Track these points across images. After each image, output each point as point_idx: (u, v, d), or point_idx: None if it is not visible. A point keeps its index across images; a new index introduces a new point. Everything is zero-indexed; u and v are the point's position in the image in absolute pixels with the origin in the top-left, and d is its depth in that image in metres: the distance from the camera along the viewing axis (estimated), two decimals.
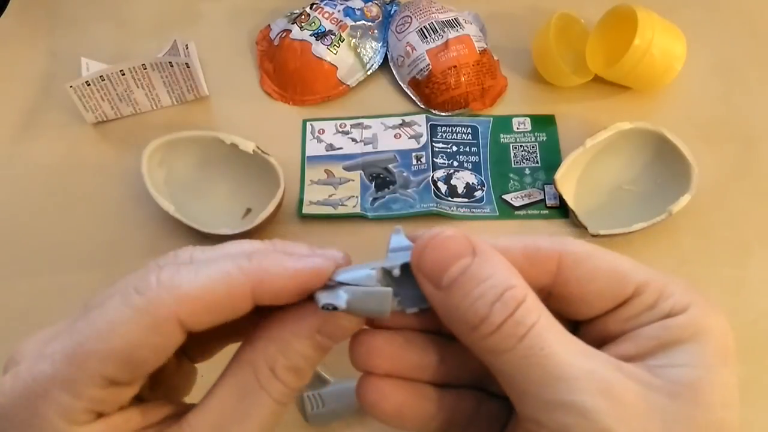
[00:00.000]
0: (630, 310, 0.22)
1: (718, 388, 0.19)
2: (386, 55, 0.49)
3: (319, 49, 0.46)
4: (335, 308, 0.21)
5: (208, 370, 0.25)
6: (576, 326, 0.23)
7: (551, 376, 0.19)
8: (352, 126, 0.46)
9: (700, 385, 0.19)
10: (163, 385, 0.25)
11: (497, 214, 0.42)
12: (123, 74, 0.44)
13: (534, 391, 0.19)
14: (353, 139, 0.45)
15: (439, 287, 0.21)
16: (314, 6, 0.49)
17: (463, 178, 0.44)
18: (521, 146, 0.45)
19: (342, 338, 0.22)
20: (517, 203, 0.43)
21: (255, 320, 0.23)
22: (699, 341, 0.20)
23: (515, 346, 0.19)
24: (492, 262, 0.21)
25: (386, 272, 0.22)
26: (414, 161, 0.44)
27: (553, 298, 0.22)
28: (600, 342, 0.22)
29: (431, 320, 0.23)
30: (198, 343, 0.26)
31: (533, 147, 0.45)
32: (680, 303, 0.21)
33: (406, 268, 0.22)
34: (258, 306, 0.22)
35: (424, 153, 0.44)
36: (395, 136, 0.45)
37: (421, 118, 0.46)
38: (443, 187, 0.43)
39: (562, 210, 0.42)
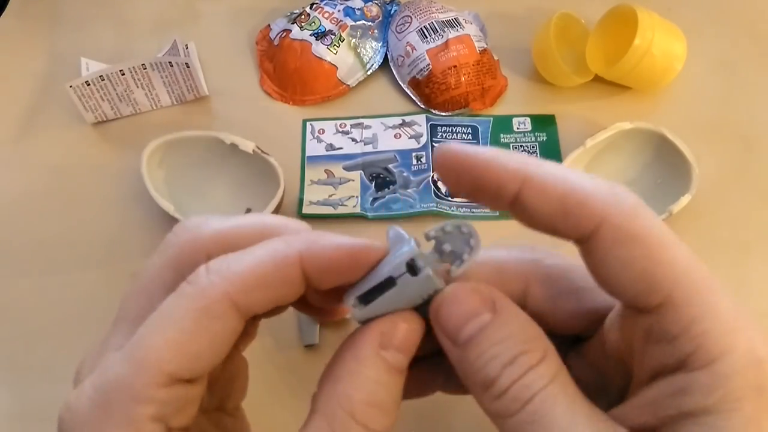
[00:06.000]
0: (650, 326, 0.19)
1: None
2: (386, 55, 0.49)
3: (319, 48, 0.46)
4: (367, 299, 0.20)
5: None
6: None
7: None
8: (352, 126, 0.46)
9: None
10: (218, 385, 0.24)
11: (497, 214, 0.42)
12: (123, 74, 0.44)
13: None
14: (353, 139, 0.45)
15: (455, 343, 0.20)
16: (314, 6, 0.49)
17: None
18: (521, 146, 0.45)
19: (408, 346, 0.21)
20: None
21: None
22: (723, 412, 0.17)
23: (519, 410, 0.19)
24: (511, 322, 0.20)
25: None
26: (414, 161, 0.44)
27: (583, 253, 0.20)
28: (624, 349, 0.20)
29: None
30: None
31: (533, 147, 0.45)
32: (707, 349, 0.17)
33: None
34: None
35: (424, 153, 0.44)
36: (395, 136, 0.45)
37: (421, 118, 0.46)
38: (443, 187, 0.43)
39: None
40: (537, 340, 0.20)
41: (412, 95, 0.47)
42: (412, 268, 0.20)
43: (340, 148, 0.45)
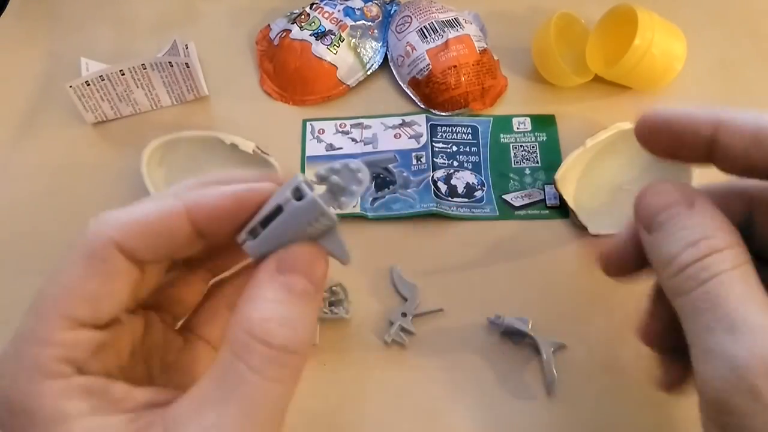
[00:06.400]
0: None
1: None
2: (386, 55, 0.49)
3: (319, 48, 0.46)
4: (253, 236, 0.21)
5: None
6: None
7: (719, 324, 0.19)
8: (352, 126, 0.46)
9: None
10: (173, 370, 0.24)
11: (497, 214, 0.42)
12: (123, 74, 0.44)
13: (700, 336, 0.19)
14: (353, 139, 0.45)
15: (649, 230, 0.22)
16: (314, 6, 0.49)
17: (463, 178, 0.44)
18: (521, 146, 0.45)
19: (308, 269, 0.21)
20: (517, 203, 0.43)
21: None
22: None
23: (695, 289, 0.20)
24: (704, 215, 0.21)
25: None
26: (414, 161, 0.44)
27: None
28: None
29: None
30: (209, 318, 0.26)
31: (533, 147, 0.45)
32: None
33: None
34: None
35: (424, 153, 0.44)
36: (395, 136, 0.45)
37: (421, 118, 0.46)
38: (443, 187, 0.43)
39: (562, 210, 0.42)
40: (726, 233, 0.21)
41: (412, 95, 0.47)
42: (299, 196, 0.21)
43: (340, 148, 0.45)
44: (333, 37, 0.47)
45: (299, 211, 0.21)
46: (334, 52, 0.47)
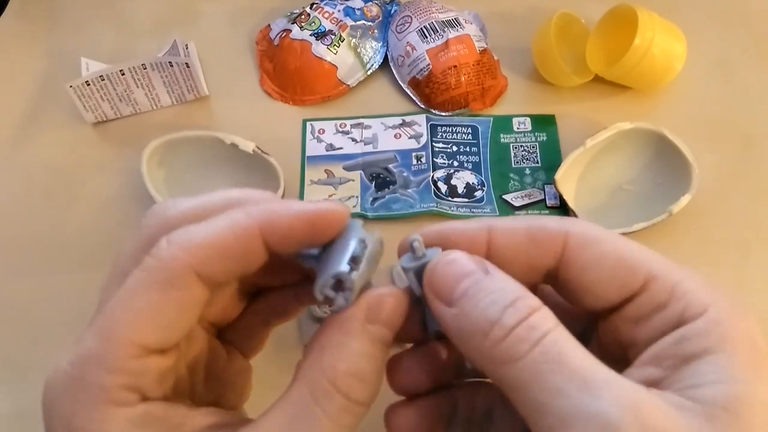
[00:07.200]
0: (639, 309, 0.20)
1: (758, 408, 0.17)
2: (386, 55, 0.49)
3: (319, 48, 0.46)
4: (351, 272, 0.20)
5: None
6: (588, 336, 0.22)
7: (571, 383, 0.17)
8: (352, 126, 0.46)
9: (736, 405, 0.17)
10: (215, 381, 0.24)
11: (497, 214, 0.42)
12: (123, 74, 0.44)
13: (550, 403, 0.17)
14: (353, 139, 0.45)
15: (449, 303, 0.20)
16: (314, 6, 0.49)
17: (463, 178, 0.44)
18: (521, 146, 0.45)
19: (393, 320, 0.21)
20: (517, 203, 0.43)
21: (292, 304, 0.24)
22: (725, 350, 0.18)
23: (530, 351, 0.18)
24: (505, 278, 0.20)
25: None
26: (414, 161, 0.44)
27: (558, 284, 0.21)
28: (616, 352, 0.21)
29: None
30: (243, 330, 0.26)
31: (533, 147, 0.45)
32: (695, 304, 0.19)
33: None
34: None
35: (424, 153, 0.44)
36: (395, 136, 0.45)
37: (421, 118, 0.46)
38: (443, 187, 0.43)
39: (562, 210, 0.42)
40: (530, 293, 0.20)
41: (412, 95, 0.47)
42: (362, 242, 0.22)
43: (340, 148, 0.45)
44: (333, 37, 0.47)
45: (379, 246, 0.22)
46: (334, 52, 0.47)
